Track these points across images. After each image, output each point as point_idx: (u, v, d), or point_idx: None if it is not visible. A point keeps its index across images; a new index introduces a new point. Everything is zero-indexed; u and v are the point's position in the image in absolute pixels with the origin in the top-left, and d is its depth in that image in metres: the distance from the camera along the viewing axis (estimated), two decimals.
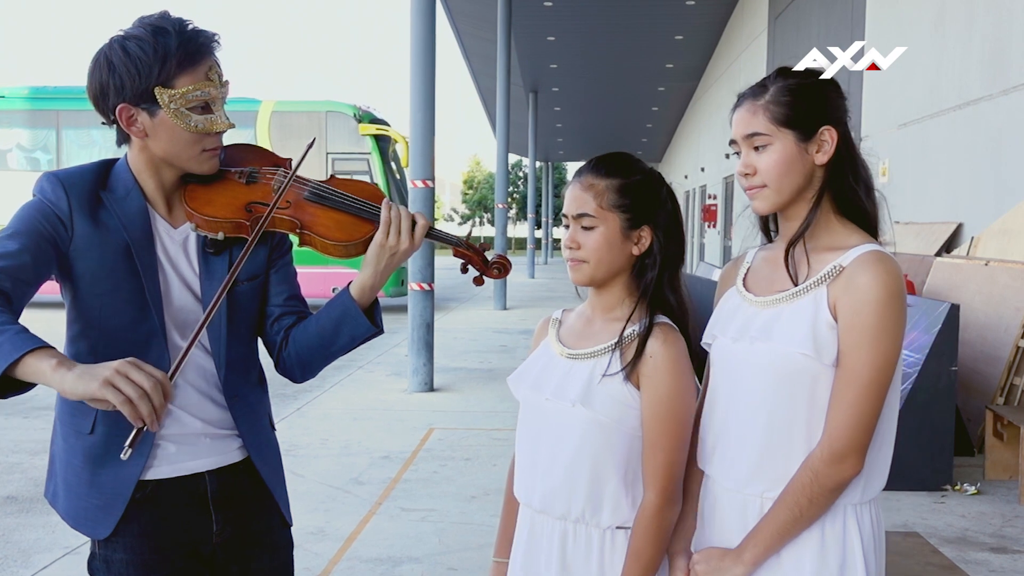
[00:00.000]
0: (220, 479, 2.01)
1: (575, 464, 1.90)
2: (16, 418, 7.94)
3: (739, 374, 1.84)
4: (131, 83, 1.85)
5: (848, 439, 1.69)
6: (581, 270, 1.95)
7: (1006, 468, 6.10)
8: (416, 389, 9.21)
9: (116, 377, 1.52)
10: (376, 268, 1.97)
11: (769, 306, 1.82)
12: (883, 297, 1.68)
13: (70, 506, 1.96)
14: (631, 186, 1.94)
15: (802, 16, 14.56)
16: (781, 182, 1.79)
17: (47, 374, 1.55)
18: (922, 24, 9.41)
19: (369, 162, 16.52)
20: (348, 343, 2.02)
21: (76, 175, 1.92)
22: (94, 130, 17.00)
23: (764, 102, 1.80)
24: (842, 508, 1.75)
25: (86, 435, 1.92)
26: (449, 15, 23.05)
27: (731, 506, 1.84)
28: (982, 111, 8.05)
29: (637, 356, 1.88)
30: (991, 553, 4.81)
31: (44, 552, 4.57)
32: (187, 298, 1.98)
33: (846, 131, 1.81)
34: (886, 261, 1.72)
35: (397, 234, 1.95)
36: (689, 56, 25.01)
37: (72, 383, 1.53)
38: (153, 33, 1.85)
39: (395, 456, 6.67)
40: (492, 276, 2.09)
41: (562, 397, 1.92)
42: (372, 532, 5.03)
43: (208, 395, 2.00)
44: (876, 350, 1.68)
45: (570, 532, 1.92)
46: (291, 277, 2.13)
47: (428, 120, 9.18)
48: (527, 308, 18.45)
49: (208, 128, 1.91)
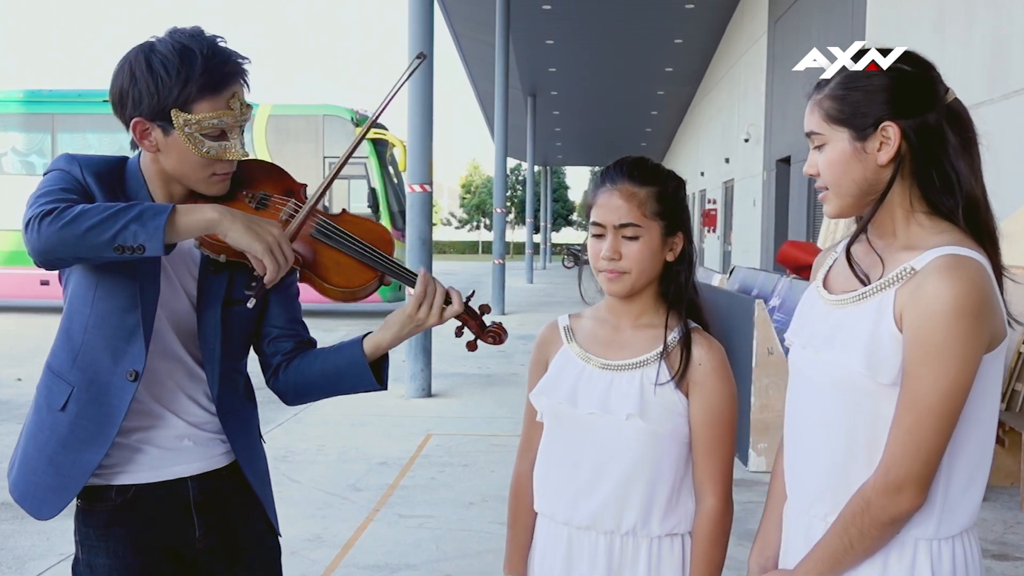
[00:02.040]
0: (203, 485, 2.02)
1: (630, 477, 1.88)
2: (11, 424, 7.90)
3: (805, 384, 1.71)
4: (149, 100, 1.84)
5: (905, 469, 1.51)
6: (622, 281, 1.90)
7: (1008, 474, 6.05)
8: (414, 395, 9.16)
9: (276, 248, 1.80)
10: (398, 334, 1.99)
11: (837, 307, 1.66)
12: (952, 309, 1.47)
13: (20, 479, 1.96)
14: (667, 194, 1.92)
15: (802, 19, 14.55)
16: (840, 183, 1.64)
17: (215, 222, 1.76)
18: (922, 28, 9.40)
19: (366, 166, 16.47)
20: (348, 390, 2.06)
21: (94, 159, 1.92)
22: (90, 134, 16.96)
23: (821, 97, 1.65)
24: (911, 542, 1.58)
25: (57, 411, 1.92)
26: (447, 18, 23.04)
27: (797, 526, 1.73)
28: (983, 115, 8.01)
29: (685, 363, 1.87)
30: (993, 560, 4.78)
31: (39, 559, 4.61)
32: (184, 303, 1.98)
33: (926, 120, 1.58)
34: (965, 267, 1.50)
35: (428, 309, 1.95)
36: (688, 60, 25.01)
37: (241, 233, 1.77)
38: (180, 53, 1.83)
39: (392, 462, 6.64)
40: (486, 342, 2.05)
41: (610, 411, 1.88)
42: (369, 539, 5.00)
43: (193, 397, 2.00)
44: (941, 371, 1.48)
45: (617, 545, 1.90)
46: (292, 299, 2.13)
47: (426, 124, 9.15)
48: (525, 313, 18.40)
49: (220, 155, 1.89)
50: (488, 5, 19.20)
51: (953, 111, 1.61)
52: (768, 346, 6.21)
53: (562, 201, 73.24)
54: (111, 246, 1.68)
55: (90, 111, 16.38)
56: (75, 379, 1.92)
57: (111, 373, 1.90)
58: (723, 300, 7.42)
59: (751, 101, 18.70)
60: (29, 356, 11.69)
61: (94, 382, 1.91)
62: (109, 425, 1.90)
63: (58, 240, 1.69)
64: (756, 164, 17.80)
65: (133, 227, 1.68)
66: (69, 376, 1.92)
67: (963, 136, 1.61)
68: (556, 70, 27.01)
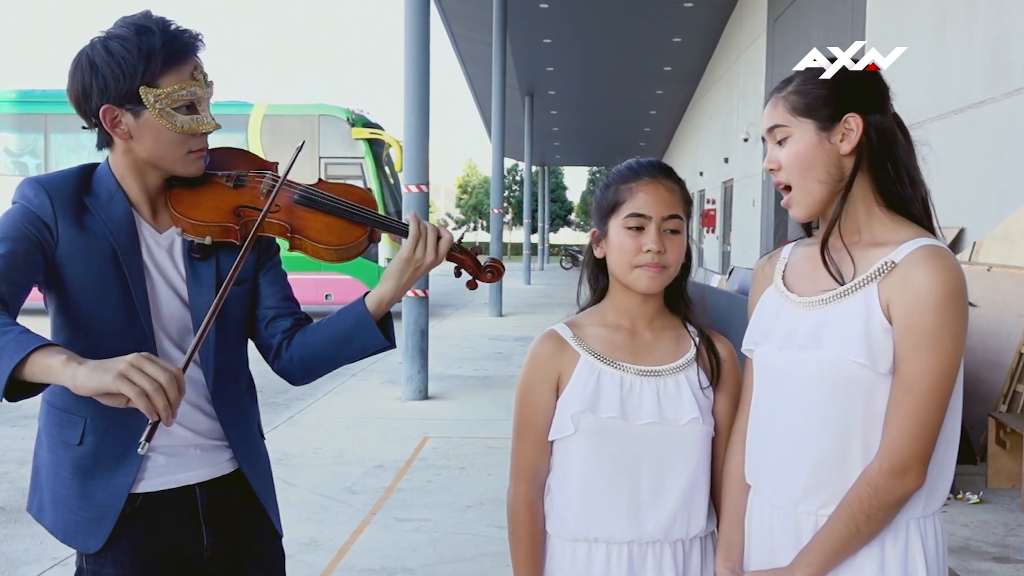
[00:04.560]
0: (211, 492, 1.99)
1: (694, 482, 1.87)
2: (3, 427, 7.86)
3: (787, 384, 1.73)
4: (115, 83, 1.81)
5: (910, 450, 1.59)
6: (662, 276, 1.87)
7: (1009, 476, 6.02)
8: (410, 397, 9.12)
9: (130, 370, 1.49)
10: (399, 281, 1.96)
11: (815, 307, 1.71)
12: (941, 295, 1.57)
13: (59, 519, 1.93)
14: (686, 193, 1.94)
15: (801, 18, 14.53)
16: (804, 176, 1.70)
17: (57, 370, 1.52)
18: (923, 27, 9.38)
19: (362, 166, 16.42)
20: (357, 353, 2.00)
21: (59, 180, 1.88)
22: (83, 134, 16.82)
23: (786, 93, 1.74)
24: (904, 523, 1.65)
25: (74, 446, 1.88)
26: (444, 17, 23.03)
27: (783, 525, 1.74)
28: (984, 114, 8.00)
29: (717, 362, 1.91)
30: (994, 563, 4.75)
31: (32, 563, 4.57)
32: (175, 304, 1.95)
33: (882, 119, 1.70)
34: (943, 256, 1.61)
35: (424, 248, 1.94)
36: (687, 59, 25.02)
37: (84, 377, 1.50)
38: (137, 32, 1.82)
39: (389, 465, 6.60)
40: (485, 280, 2.04)
41: (667, 419, 1.85)
42: (366, 542, 4.97)
43: (197, 405, 1.97)
44: (936, 354, 1.57)
45: (681, 551, 1.87)
46: (282, 278, 2.11)
47: (422, 124, 9.10)
48: (523, 315, 18.38)
49: (194, 128, 1.87)
50: (485, 4, 19.19)
51: (897, 119, 1.74)
52: None
53: (560, 201, 73.28)
54: None
55: None
56: (86, 410, 1.86)
57: None
58: (722, 301, 7.38)
59: (750, 100, 18.69)
60: None
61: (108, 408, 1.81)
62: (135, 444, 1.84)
63: None
64: (755, 164, 17.77)
65: None
66: (78, 409, 1.88)
67: (908, 141, 1.73)
68: (554, 69, 27.00)
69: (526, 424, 1.95)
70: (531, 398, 1.94)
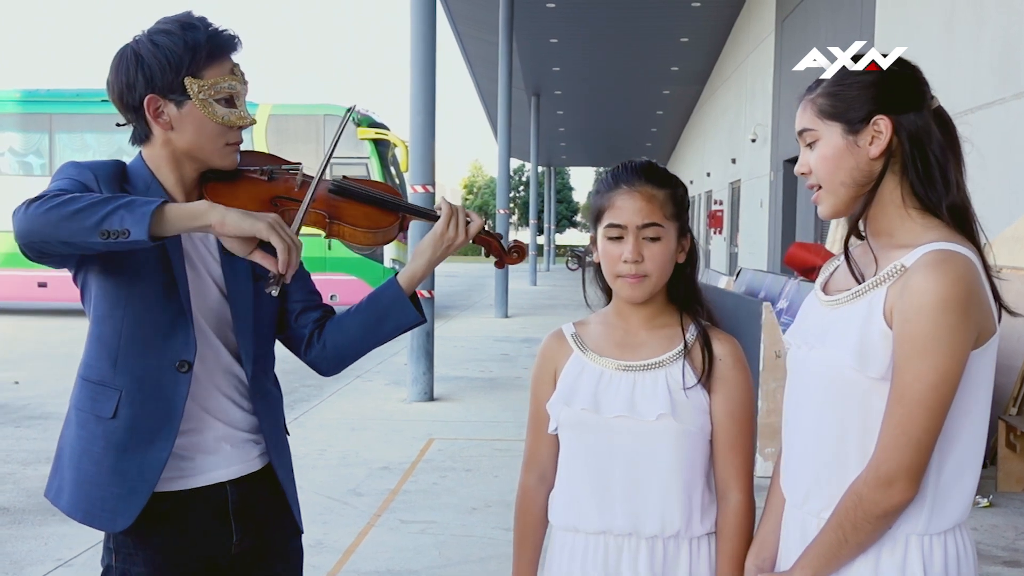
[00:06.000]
0: (240, 489, 2.03)
1: (668, 480, 1.86)
2: (8, 427, 7.86)
3: (801, 383, 1.74)
4: (161, 74, 1.88)
5: (895, 461, 1.54)
6: (644, 286, 1.87)
7: (1019, 480, 6.00)
8: (416, 398, 9.10)
9: (278, 225, 1.73)
10: (431, 257, 2.07)
11: (832, 307, 1.70)
12: (937, 303, 1.51)
13: (80, 498, 1.94)
14: (679, 196, 1.92)
15: (810, 18, 14.50)
16: (832, 179, 1.68)
17: (202, 210, 1.72)
18: (931, 28, 9.35)
19: (368, 166, 16.41)
20: (392, 332, 2.11)
21: (99, 164, 1.94)
22: (87, 134, 16.95)
23: (814, 96, 1.70)
24: (903, 538, 1.60)
25: (108, 419, 1.91)
26: (450, 17, 23.03)
27: (793, 524, 1.75)
28: (993, 115, 7.96)
29: (710, 361, 1.88)
30: (1004, 567, 4.72)
31: (36, 564, 4.55)
32: (213, 290, 2.00)
33: (915, 117, 1.64)
34: (951, 261, 1.54)
35: (456, 226, 2.05)
36: (695, 59, 24.98)
37: (237, 218, 1.71)
38: (182, 28, 1.91)
39: (394, 467, 6.59)
40: (512, 261, 2.17)
41: (638, 412, 1.85)
42: (371, 544, 4.96)
43: (231, 398, 2.03)
44: (928, 363, 1.52)
45: (660, 549, 1.86)
46: (306, 273, 2.19)
47: (428, 124, 9.08)
48: (529, 316, 18.34)
49: (233, 121, 1.94)
50: (491, 4, 19.17)
51: (939, 114, 1.68)
52: (775, 349, 6.14)
53: (566, 202, 73.33)
54: (97, 230, 1.67)
55: (88, 111, 16.37)
56: (122, 383, 1.91)
57: (159, 368, 1.91)
58: (730, 302, 7.35)
59: (758, 101, 18.65)
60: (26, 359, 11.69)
61: (144, 380, 1.92)
62: (171, 419, 1.91)
63: (44, 221, 1.68)
64: (763, 165, 17.74)
65: (121, 212, 1.68)
66: (113, 381, 1.92)
67: (948, 137, 1.67)
68: (560, 69, 26.98)
69: (532, 415, 2.04)
70: (536, 391, 2.03)
